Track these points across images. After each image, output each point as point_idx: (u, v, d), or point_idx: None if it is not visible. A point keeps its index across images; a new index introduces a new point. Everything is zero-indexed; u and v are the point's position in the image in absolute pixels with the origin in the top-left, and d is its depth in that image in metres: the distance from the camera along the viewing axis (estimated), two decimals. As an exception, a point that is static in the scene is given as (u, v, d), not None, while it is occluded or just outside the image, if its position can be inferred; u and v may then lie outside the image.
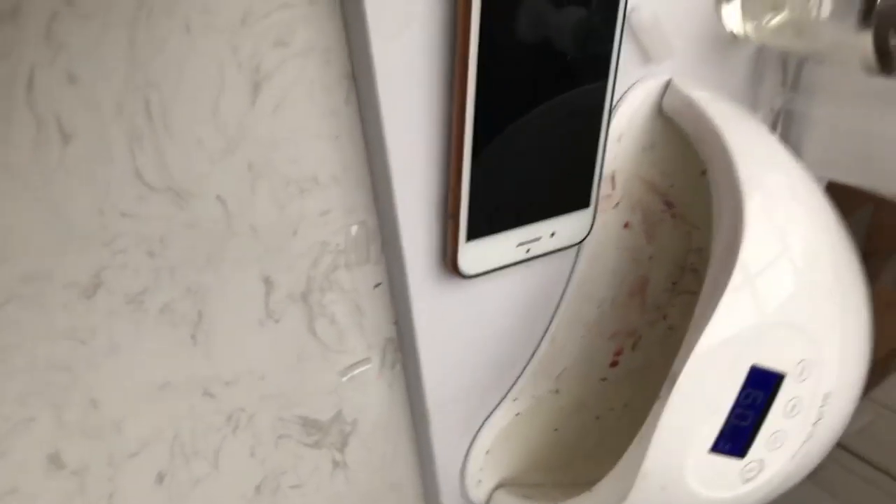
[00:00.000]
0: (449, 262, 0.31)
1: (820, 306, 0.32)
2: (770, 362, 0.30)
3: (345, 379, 0.32)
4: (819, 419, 0.32)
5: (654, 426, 0.30)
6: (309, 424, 0.32)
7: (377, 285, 0.32)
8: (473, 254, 0.31)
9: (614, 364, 0.41)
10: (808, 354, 0.31)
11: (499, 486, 0.38)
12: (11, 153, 0.22)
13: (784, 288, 0.31)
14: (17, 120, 0.22)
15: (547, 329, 0.37)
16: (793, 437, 0.32)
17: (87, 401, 0.25)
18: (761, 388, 0.30)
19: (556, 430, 0.39)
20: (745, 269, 0.30)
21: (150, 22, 0.23)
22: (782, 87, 0.44)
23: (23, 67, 0.21)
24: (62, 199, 0.23)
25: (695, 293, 0.44)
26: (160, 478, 0.28)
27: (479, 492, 0.37)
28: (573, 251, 0.36)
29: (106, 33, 0.22)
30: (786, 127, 0.45)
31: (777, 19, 0.36)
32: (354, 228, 0.30)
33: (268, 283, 0.28)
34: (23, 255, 0.23)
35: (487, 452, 0.37)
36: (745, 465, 0.31)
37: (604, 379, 0.41)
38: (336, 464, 0.34)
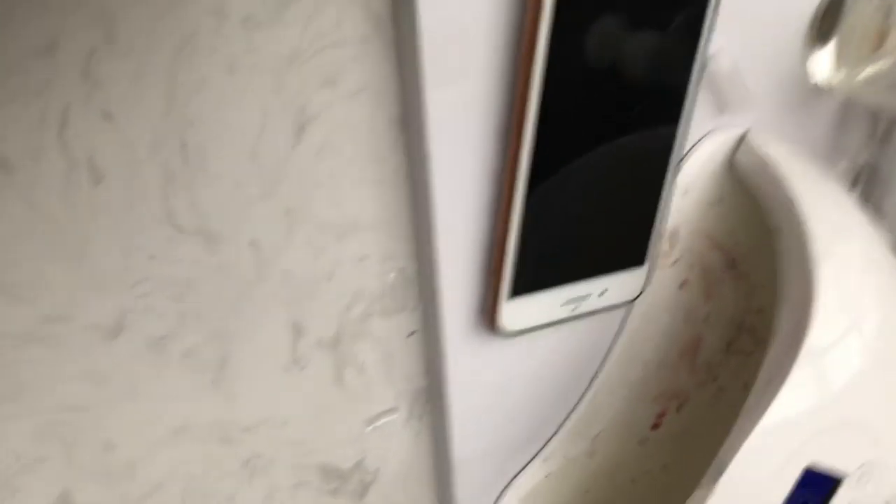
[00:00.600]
0: (488, 318, 0.29)
1: (890, 401, 0.29)
2: (828, 462, 0.28)
3: (369, 428, 0.31)
4: (879, 526, 0.29)
5: (693, 518, 0.27)
6: (329, 472, 0.30)
7: (411, 334, 0.30)
8: (515, 311, 0.29)
9: (656, 426, 0.39)
10: (873, 456, 0.28)
11: (522, 545, 0.37)
12: (40, 192, 0.21)
13: (852, 379, 0.28)
14: (47, 158, 0.21)
15: (587, 389, 0.35)
16: (848, 544, 0.29)
17: (102, 442, 0.25)
18: (816, 489, 0.28)
19: (587, 491, 0.37)
20: (810, 357, 0.28)
21: (192, 60, 0.22)
22: (869, 140, 0.41)
23: (57, 104, 0.20)
24: (89, 239, 0.22)
25: (750, 353, 0.42)
26: (171, 519, 0.27)
27: (500, 550, 0.36)
28: (622, 309, 0.34)
29: (145, 71, 0.21)
30: (868, 184, 0.41)
31: (872, 70, 0.33)
32: (392, 275, 0.29)
33: (297, 329, 0.27)
34: (45, 296, 0.22)
35: (513, 511, 0.35)
36: (792, 570, 0.29)
37: (644, 441, 0.39)
38: (354, 511, 0.32)
